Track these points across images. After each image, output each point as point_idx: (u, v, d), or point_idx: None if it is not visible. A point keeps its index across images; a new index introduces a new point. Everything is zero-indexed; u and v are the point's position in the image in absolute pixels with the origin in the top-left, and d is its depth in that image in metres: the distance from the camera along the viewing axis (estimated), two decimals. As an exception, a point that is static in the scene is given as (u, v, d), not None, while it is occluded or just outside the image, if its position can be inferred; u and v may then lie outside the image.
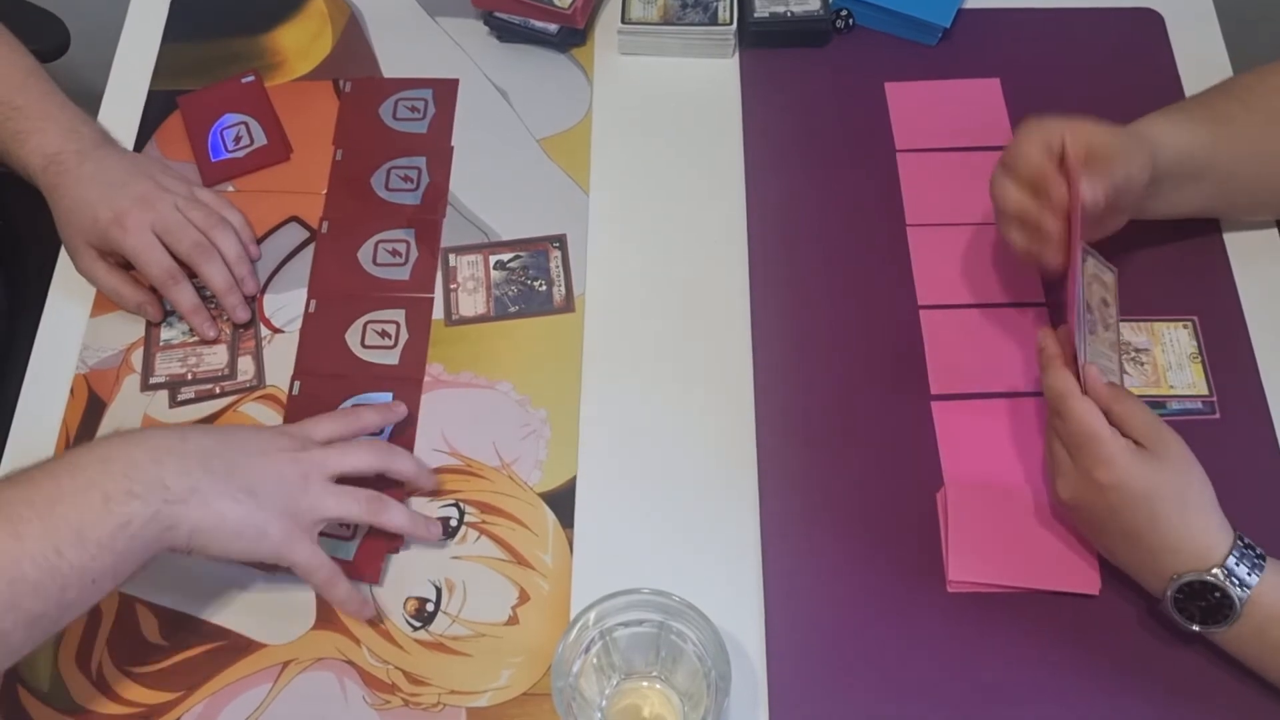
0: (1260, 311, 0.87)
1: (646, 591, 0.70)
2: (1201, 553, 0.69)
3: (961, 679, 0.75)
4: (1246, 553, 0.69)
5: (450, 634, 0.78)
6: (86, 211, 0.86)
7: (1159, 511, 0.69)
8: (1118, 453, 0.69)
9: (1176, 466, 0.70)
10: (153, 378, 0.88)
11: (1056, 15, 1.02)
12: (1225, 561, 0.68)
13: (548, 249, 0.93)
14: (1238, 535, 0.70)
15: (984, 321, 0.88)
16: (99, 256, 0.88)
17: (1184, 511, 0.69)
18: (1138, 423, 0.70)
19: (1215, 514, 0.70)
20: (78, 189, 0.86)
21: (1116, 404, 0.71)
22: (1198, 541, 0.69)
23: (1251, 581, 0.68)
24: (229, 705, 0.76)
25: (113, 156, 0.89)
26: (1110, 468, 0.69)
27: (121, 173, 0.88)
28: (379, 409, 0.83)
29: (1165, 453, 0.70)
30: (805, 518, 0.81)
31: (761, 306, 0.89)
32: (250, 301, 0.90)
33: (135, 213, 0.86)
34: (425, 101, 1.01)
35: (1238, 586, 0.68)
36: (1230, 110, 0.83)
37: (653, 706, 0.74)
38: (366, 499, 0.76)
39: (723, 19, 0.99)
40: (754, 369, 0.87)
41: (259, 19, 1.05)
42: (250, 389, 0.87)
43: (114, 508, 0.66)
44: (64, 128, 0.88)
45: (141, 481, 0.67)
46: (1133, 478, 0.69)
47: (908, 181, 0.94)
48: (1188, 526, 0.69)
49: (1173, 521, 0.69)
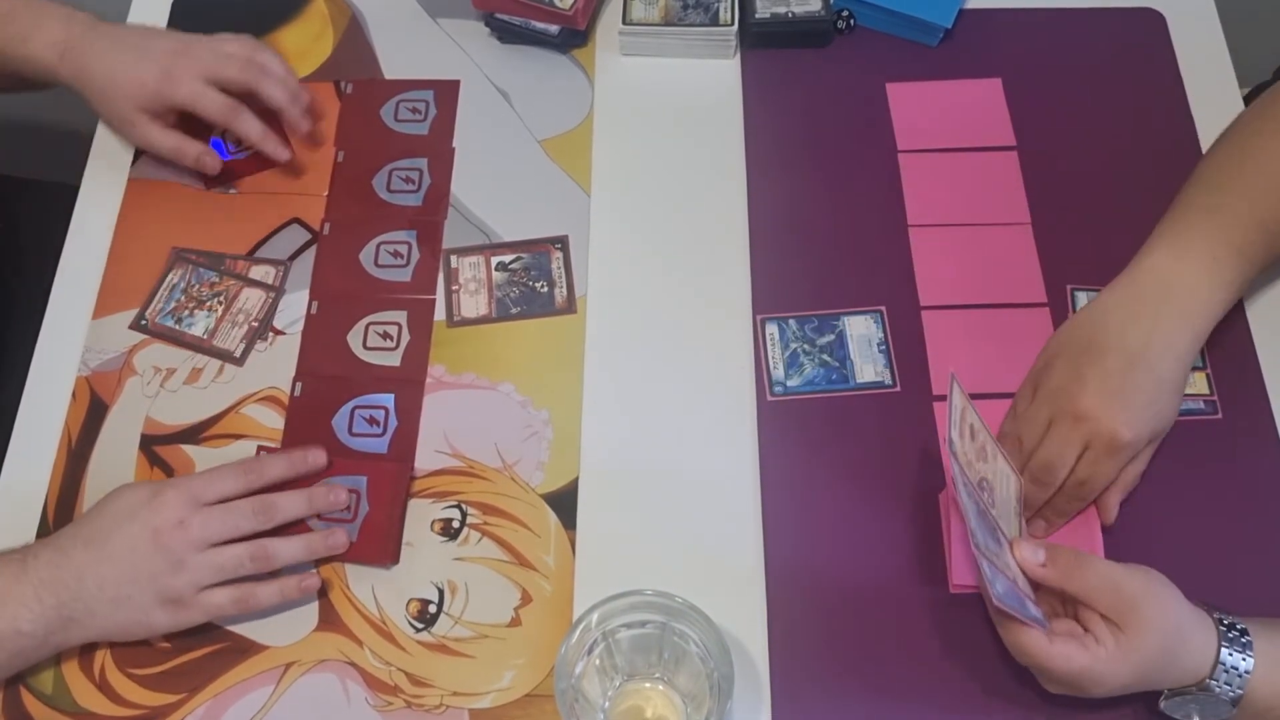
0: (1262, 311, 0.87)
1: (649, 592, 0.70)
2: (1190, 669, 0.68)
3: (964, 679, 0.75)
4: (1232, 645, 0.67)
5: (453, 635, 0.78)
6: (130, 76, 0.88)
7: (1151, 676, 0.68)
8: (1109, 667, 0.66)
9: (1153, 628, 0.66)
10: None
11: (1058, 15, 1.02)
12: (1214, 673, 0.67)
13: (549, 250, 0.93)
14: (1220, 628, 0.68)
15: (986, 322, 0.88)
16: (152, 119, 0.90)
17: (1171, 657, 0.67)
18: (1098, 597, 0.67)
19: (1193, 628, 0.68)
20: (106, 62, 0.88)
21: (1069, 584, 0.69)
22: (1184, 666, 0.68)
23: (1245, 670, 0.67)
24: (232, 707, 0.76)
25: (119, 27, 0.92)
26: (1104, 685, 0.67)
27: (139, 37, 0.91)
28: (288, 458, 0.81)
29: (1137, 621, 0.66)
30: (807, 518, 0.81)
31: (763, 306, 0.89)
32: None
33: (180, 63, 0.89)
34: (426, 103, 1.01)
35: (1231, 690, 0.67)
36: (1233, 204, 0.78)
37: (655, 708, 0.74)
38: (250, 555, 0.76)
39: (724, 20, 0.99)
40: (755, 370, 0.87)
41: (260, 20, 1.05)
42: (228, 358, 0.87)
43: (5, 644, 0.73)
44: (60, 17, 0.91)
45: (28, 619, 0.73)
46: (1125, 675, 0.67)
47: (909, 182, 0.94)
48: (1176, 661, 0.67)
49: (1164, 668, 0.68)
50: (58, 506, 0.83)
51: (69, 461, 0.85)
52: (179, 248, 0.94)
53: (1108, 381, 0.74)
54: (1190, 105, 0.97)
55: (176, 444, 0.86)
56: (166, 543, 0.74)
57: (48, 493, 0.84)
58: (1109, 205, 0.91)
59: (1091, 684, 0.67)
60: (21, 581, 0.73)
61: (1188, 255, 0.77)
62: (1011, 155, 0.95)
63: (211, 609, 0.76)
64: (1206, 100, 0.96)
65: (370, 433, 0.85)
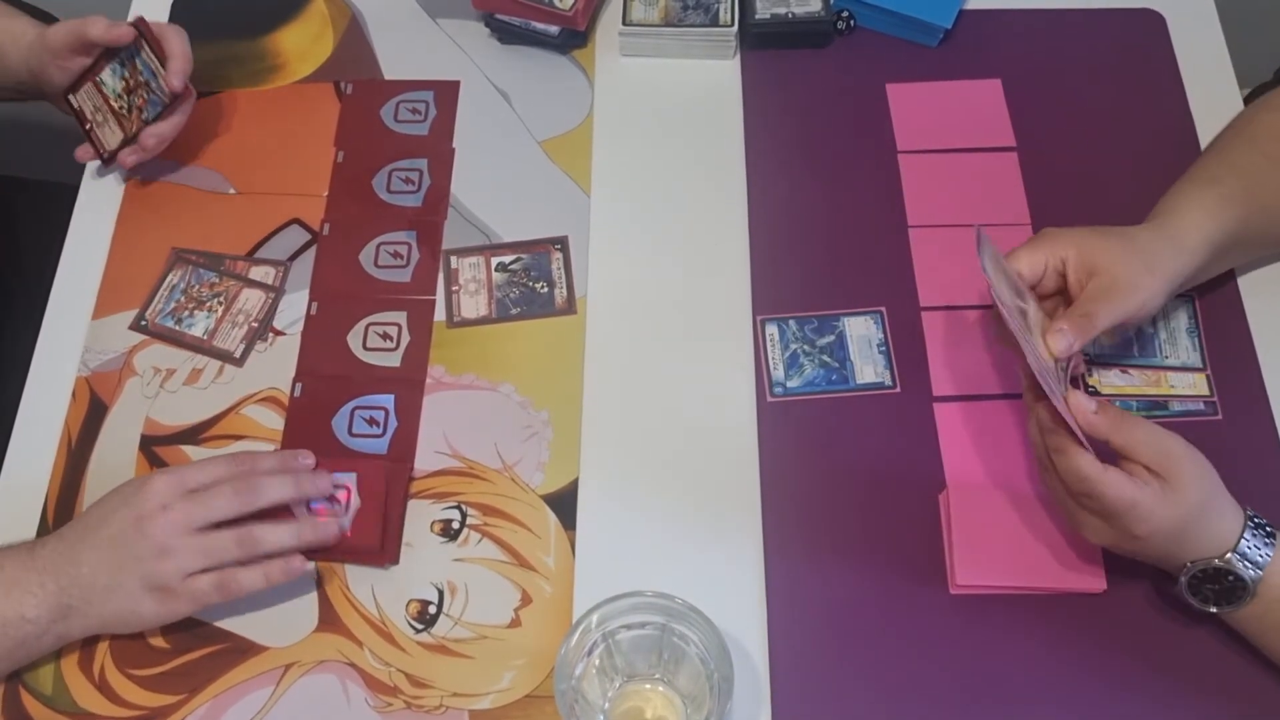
0: (1263, 311, 0.87)
1: (649, 594, 0.70)
2: (1215, 541, 0.70)
3: (964, 680, 0.75)
4: (1257, 531, 0.70)
5: (452, 636, 0.78)
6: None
7: (1184, 533, 0.70)
8: (1155, 507, 0.69)
9: (1193, 483, 0.69)
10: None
11: (1058, 16, 1.02)
12: (1237, 546, 0.69)
13: (549, 251, 0.93)
14: (1248, 515, 0.71)
15: (986, 322, 0.88)
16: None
17: (1204, 520, 0.70)
18: (1144, 450, 0.70)
19: (1228, 505, 0.71)
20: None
21: (1116, 435, 0.71)
22: (1213, 538, 0.70)
23: (1263, 560, 0.69)
24: (231, 708, 0.76)
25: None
26: (1148, 522, 0.69)
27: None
28: (279, 454, 0.81)
29: (1179, 474, 0.69)
30: (807, 520, 0.81)
31: (763, 307, 0.89)
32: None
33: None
34: (426, 103, 1.01)
35: (1250, 568, 0.69)
36: (1256, 164, 0.82)
37: (655, 709, 0.74)
38: (236, 541, 0.76)
39: (724, 20, 0.99)
40: (755, 370, 0.87)
41: (260, 21, 1.05)
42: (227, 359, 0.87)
43: (10, 630, 0.74)
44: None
45: (32, 605, 0.74)
46: (1166, 520, 0.69)
47: (909, 182, 0.94)
48: (1207, 528, 0.70)
49: (1195, 534, 0.70)
50: (58, 506, 0.83)
51: (69, 461, 0.85)
52: (179, 248, 0.94)
53: (1098, 230, 0.78)
54: (1190, 106, 0.97)
55: (176, 444, 0.86)
56: (151, 528, 0.74)
57: (48, 493, 0.84)
58: (1109, 206, 0.91)
59: (1137, 520, 0.69)
60: (29, 568, 0.74)
61: (1184, 200, 0.80)
62: (1011, 156, 0.95)
63: (198, 595, 0.75)
64: (1206, 101, 0.97)
65: (370, 433, 0.85)
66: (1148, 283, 0.76)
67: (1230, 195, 0.80)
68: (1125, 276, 0.75)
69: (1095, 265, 0.76)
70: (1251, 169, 0.81)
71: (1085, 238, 0.77)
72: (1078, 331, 0.74)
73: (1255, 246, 0.85)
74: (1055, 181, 0.93)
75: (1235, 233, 0.80)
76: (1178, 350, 0.85)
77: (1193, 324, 0.86)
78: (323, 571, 0.81)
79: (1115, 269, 0.76)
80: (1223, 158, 0.83)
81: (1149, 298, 0.76)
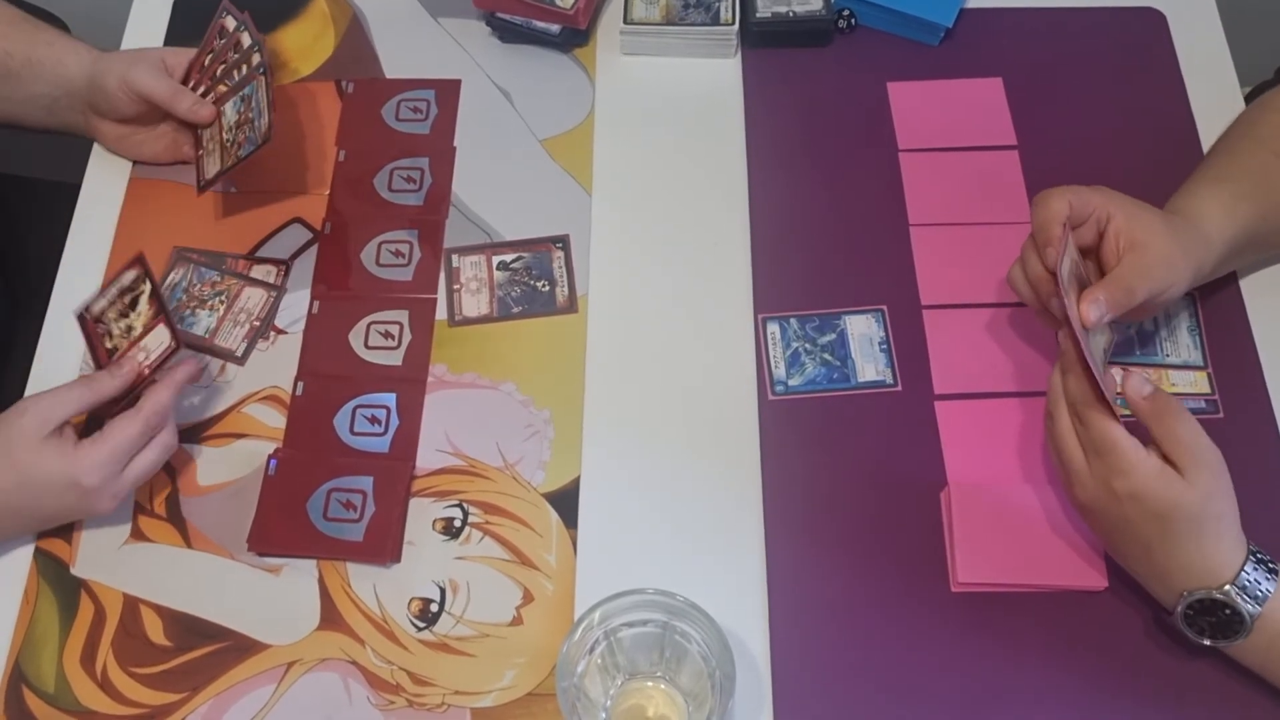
0: (1263, 311, 0.87)
1: (650, 591, 0.70)
2: (1213, 570, 0.69)
3: (966, 678, 0.75)
4: (1259, 566, 0.69)
5: (454, 634, 0.78)
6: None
7: (1173, 530, 0.69)
8: (1137, 463, 0.68)
9: (1201, 489, 0.68)
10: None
11: (1059, 15, 1.02)
12: (1237, 579, 0.68)
13: (550, 249, 0.93)
14: (1251, 550, 0.70)
15: (987, 321, 0.88)
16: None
17: (1199, 532, 0.69)
18: (1175, 442, 0.69)
19: (1232, 534, 0.70)
20: None
21: (1157, 422, 0.70)
22: (1209, 560, 0.69)
23: (1264, 594, 0.68)
24: (234, 706, 0.76)
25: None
26: (1128, 478, 0.68)
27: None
28: (167, 383, 0.80)
29: (1194, 475, 0.68)
30: (809, 517, 0.81)
31: (765, 306, 0.89)
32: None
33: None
34: (428, 102, 1.01)
35: (1249, 602, 0.68)
36: (1266, 163, 0.82)
37: (657, 707, 0.74)
38: (162, 449, 0.79)
39: (725, 19, 1.00)
40: (756, 369, 0.87)
41: (261, 20, 1.04)
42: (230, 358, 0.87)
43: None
44: None
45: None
46: (1150, 491, 0.68)
47: (910, 181, 0.94)
48: (1201, 547, 0.69)
49: (1186, 541, 0.69)
50: (59, 505, 0.83)
51: (71, 461, 0.85)
52: (180, 247, 0.94)
53: (1142, 204, 0.77)
54: (1191, 105, 0.97)
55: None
56: (94, 502, 0.77)
57: (49, 492, 0.84)
58: (1110, 204, 0.91)
59: (1155, 496, 0.68)
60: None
61: (1199, 199, 0.80)
62: (1012, 154, 0.95)
63: (142, 472, 0.79)
64: (1207, 100, 0.97)
65: (372, 432, 0.85)
66: (1181, 267, 0.76)
67: (1244, 194, 0.80)
68: (1167, 256, 0.75)
69: (1137, 238, 0.75)
70: (1262, 169, 0.81)
71: (1133, 208, 0.76)
72: (1111, 304, 0.73)
73: (1268, 246, 0.85)
74: (1056, 180, 0.92)
75: (1252, 231, 0.80)
76: (1179, 348, 0.86)
77: (1194, 322, 0.87)
78: (324, 570, 0.81)
79: (1158, 246, 0.75)
80: (1233, 158, 0.83)
81: (1179, 283, 0.76)
